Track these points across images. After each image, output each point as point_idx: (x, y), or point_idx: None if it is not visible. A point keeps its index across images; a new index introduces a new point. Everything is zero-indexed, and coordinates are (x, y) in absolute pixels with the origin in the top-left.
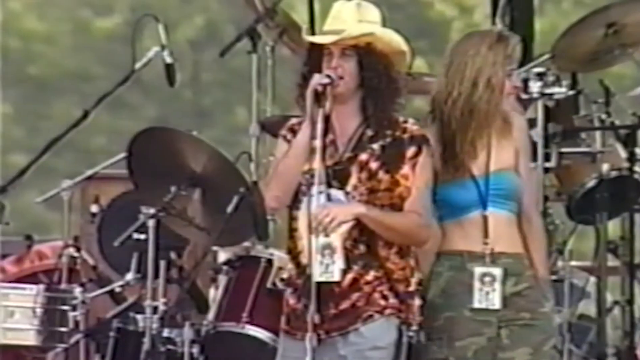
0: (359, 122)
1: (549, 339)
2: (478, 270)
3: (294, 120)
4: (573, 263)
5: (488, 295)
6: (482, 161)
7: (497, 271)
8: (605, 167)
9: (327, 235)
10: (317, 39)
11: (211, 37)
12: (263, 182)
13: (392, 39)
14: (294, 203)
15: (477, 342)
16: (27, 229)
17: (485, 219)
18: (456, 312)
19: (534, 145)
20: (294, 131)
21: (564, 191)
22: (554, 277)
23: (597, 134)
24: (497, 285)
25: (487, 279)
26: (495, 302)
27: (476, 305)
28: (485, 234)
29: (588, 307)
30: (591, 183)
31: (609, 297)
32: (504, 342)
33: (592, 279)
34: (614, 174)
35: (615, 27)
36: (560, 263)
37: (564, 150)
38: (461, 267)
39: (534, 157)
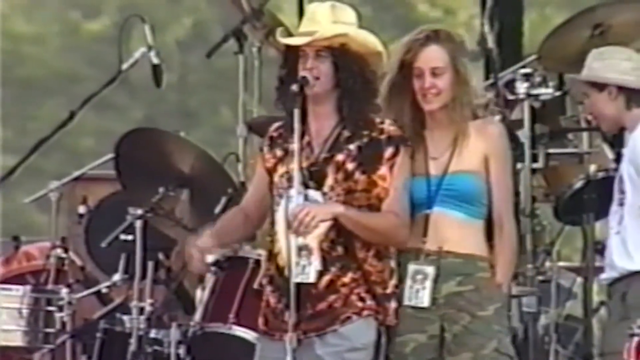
0: (335, 123)
1: (489, 342)
2: (411, 267)
3: (271, 129)
4: (560, 264)
5: (418, 293)
6: (442, 162)
7: (430, 269)
8: (592, 168)
9: (305, 236)
10: (290, 40)
11: (198, 38)
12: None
13: (367, 40)
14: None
15: (416, 338)
16: (14, 230)
17: (426, 217)
18: (400, 308)
19: (521, 146)
20: (272, 139)
21: (552, 192)
22: (541, 278)
23: (584, 134)
24: (428, 284)
25: (419, 276)
26: (425, 300)
27: (405, 302)
28: (424, 233)
29: (575, 308)
30: (579, 184)
31: (596, 298)
32: (451, 346)
33: (579, 280)
34: (601, 174)
35: (602, 28)
36: (547, 264)
37: (551, 151)
38: (407, 264)
39: (521, 158)
